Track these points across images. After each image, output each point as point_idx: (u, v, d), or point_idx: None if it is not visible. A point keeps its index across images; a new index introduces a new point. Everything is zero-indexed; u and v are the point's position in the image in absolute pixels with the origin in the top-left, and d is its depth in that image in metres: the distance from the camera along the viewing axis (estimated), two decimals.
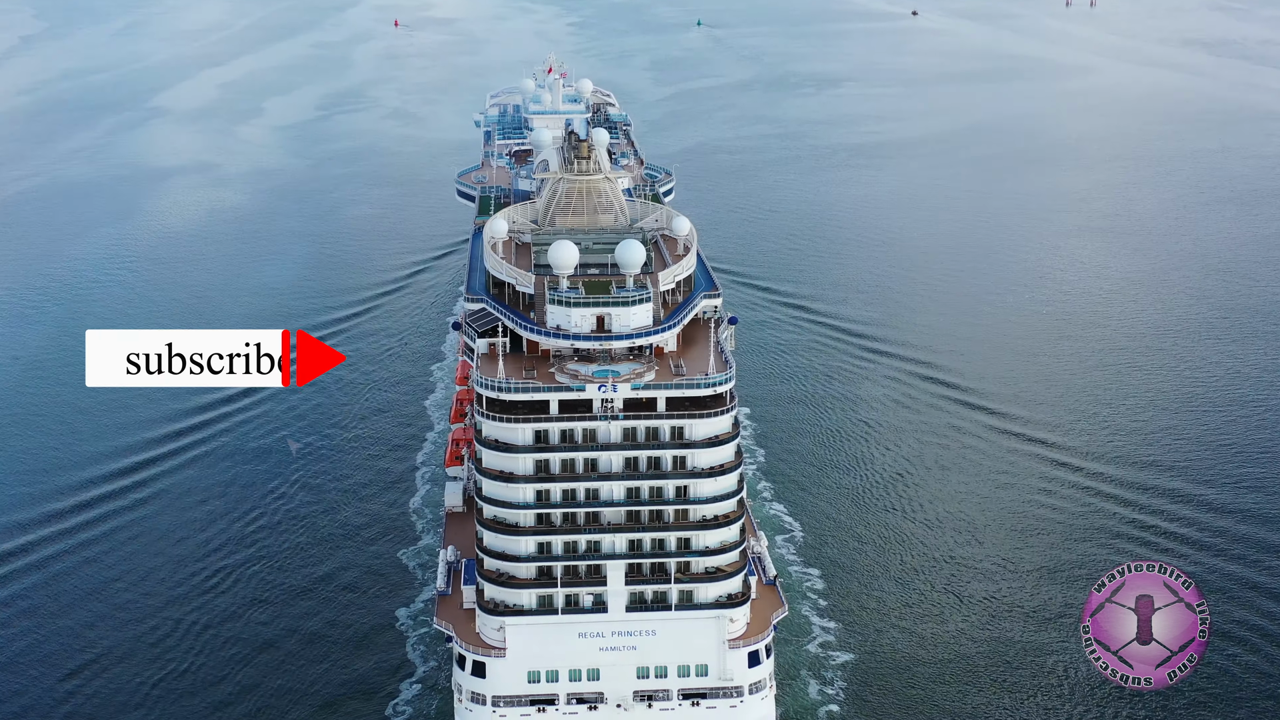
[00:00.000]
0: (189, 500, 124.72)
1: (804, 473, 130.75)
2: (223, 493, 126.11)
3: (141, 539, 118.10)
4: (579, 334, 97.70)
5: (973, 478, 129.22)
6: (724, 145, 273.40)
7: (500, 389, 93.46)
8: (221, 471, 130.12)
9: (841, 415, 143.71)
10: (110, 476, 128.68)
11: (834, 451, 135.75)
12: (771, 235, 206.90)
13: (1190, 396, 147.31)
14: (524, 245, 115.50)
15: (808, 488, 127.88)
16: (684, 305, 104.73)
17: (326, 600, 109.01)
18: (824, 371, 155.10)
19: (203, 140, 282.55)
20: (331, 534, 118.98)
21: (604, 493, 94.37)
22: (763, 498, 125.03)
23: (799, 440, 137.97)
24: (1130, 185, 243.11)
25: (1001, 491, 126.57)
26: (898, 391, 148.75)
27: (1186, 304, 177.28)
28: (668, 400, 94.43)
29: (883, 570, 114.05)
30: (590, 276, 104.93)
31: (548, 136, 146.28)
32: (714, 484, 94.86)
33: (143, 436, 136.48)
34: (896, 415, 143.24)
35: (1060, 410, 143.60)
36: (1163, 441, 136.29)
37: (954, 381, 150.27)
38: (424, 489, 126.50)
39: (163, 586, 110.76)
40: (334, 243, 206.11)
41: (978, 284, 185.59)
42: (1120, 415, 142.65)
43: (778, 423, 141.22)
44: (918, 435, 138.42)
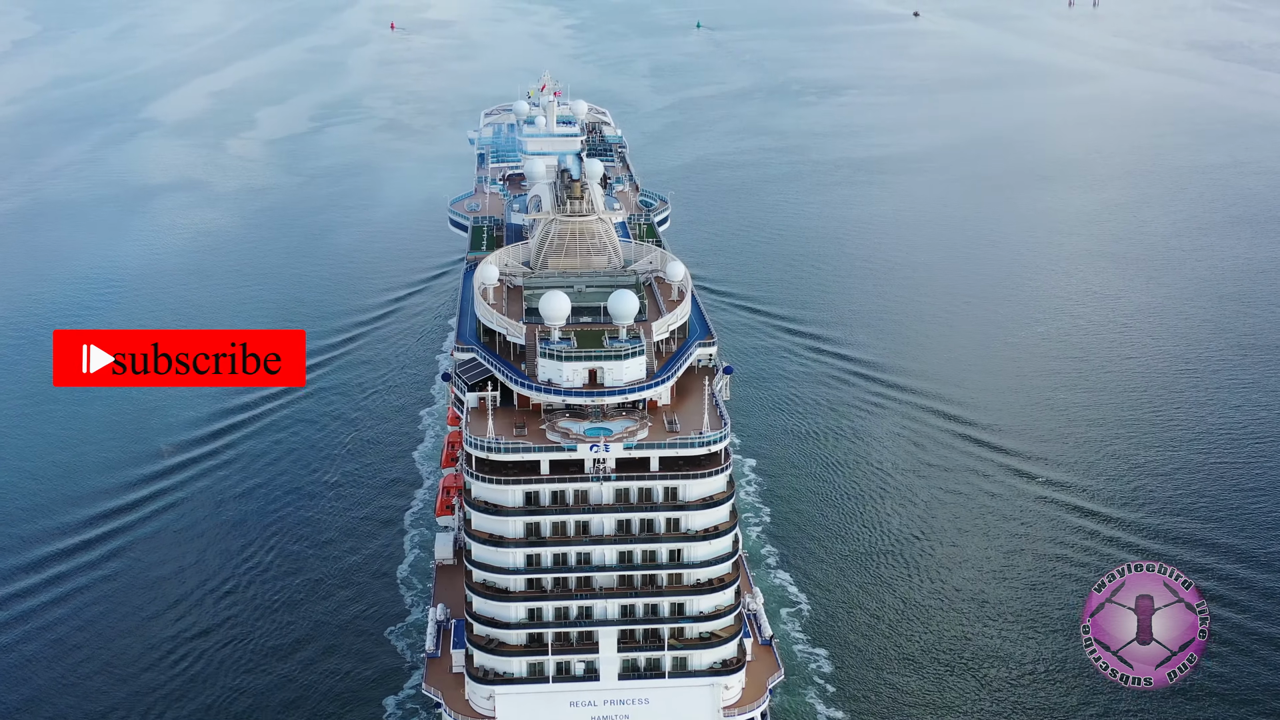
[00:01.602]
0: (163, 553, 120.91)
1: (810, 534, 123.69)
2: (211, 534, 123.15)
3: (107, 601, 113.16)
4: (571, 389, 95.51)
5: (988, 538, 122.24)
6: (724, 160, 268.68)
7: (490, 449, 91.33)
8: (207, 513, 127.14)
9: (846, 450, 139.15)
10: (78, 527, 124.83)
11: (839, 497, 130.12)
12: (774, 260, 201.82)
13: (1214, 440, 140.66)
14: (516, 289, 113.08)
15: (813, 552, 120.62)
16: (678, 355, 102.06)
17: (306, 664, 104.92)
18: (827, 403, 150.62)
19: (191, 155, 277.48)
20: (314, 585, 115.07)
21: (596, 557, 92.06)
22: (766, 564, 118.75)
23: (801, 480, 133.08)
24: (1140, 204, 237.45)
25: (1016, 558, 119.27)
26: (908, 429, 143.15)
27: (1204, 338, 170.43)
28: (661, 460, 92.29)
29: (892, 647, 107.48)
30: (582, 325, 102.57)
31: (541, 168, 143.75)
32: (708, 547, 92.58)
33: (115, 480, 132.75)
34: (906, 454, 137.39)
35: (1080, 456, 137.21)
36: (1189, 486, 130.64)
37: (972, 420, 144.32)
38: (414, 533, 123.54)
39: (130, 652, 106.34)
40: (323, 267, 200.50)
41: (989, 315, 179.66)
42: (1141, 457, 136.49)
43: (779, 460, 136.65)
44: (928, 479, 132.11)
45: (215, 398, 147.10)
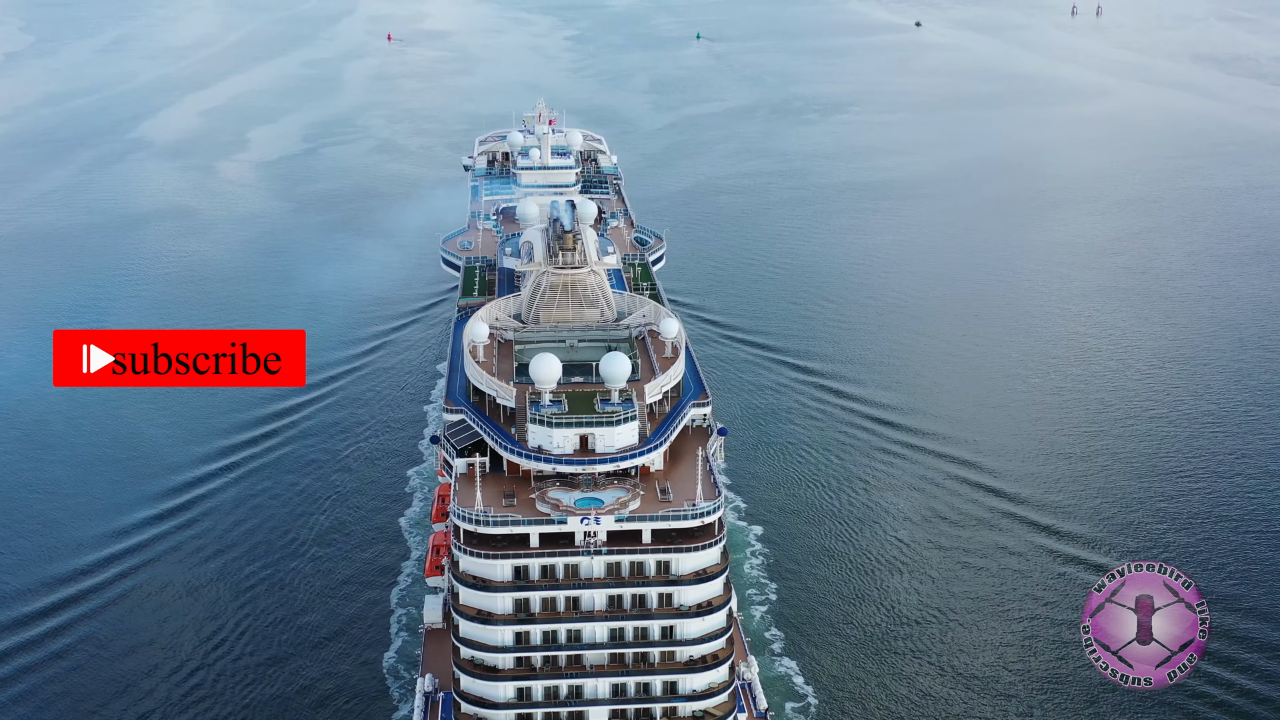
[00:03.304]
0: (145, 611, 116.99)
1: (818, 614, 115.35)
2: (201, 584, 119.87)
3: (86, 669, 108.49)
4: (561, 456, 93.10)
5: (1008, 618, 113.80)
6: (724, 185, 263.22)
7: (479, 521, 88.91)
8: (197, 561, 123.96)
9: (857, 512, 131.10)
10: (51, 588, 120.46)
11: (849, 571, 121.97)
12: (776, 295, 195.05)
13: (1237, 506, 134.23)
14: (507, 344, 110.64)
15: (821, 634, 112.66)
16: (671, 417, 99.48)
17: None
18: (836, 456, 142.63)
19: (181, 180, 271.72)
20: (293, 652, 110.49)
21: (586, 634, 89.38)
22: (771, 650, 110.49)
23: (809, 551, 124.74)
24: (1153, 232, 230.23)
25: (1038, 644, 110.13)
26: (923, 485, 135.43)
27: (1225, 389, 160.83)
28: (653, 532, 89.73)
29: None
30: (574, 386, 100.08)
31: (534, 210, 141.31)
32: (701, 623, 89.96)
33: (95, 532, 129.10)
34: (921, 518, 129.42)
35: (1103, 524, 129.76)
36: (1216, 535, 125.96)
37: (993, 478, 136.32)
38: (404, 585, 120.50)
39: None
40: (312, 302, 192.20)
41: (1002, 360, 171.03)
42: (1166, 510, 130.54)
43: (784, 528, 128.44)
44: (945, 547, 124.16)
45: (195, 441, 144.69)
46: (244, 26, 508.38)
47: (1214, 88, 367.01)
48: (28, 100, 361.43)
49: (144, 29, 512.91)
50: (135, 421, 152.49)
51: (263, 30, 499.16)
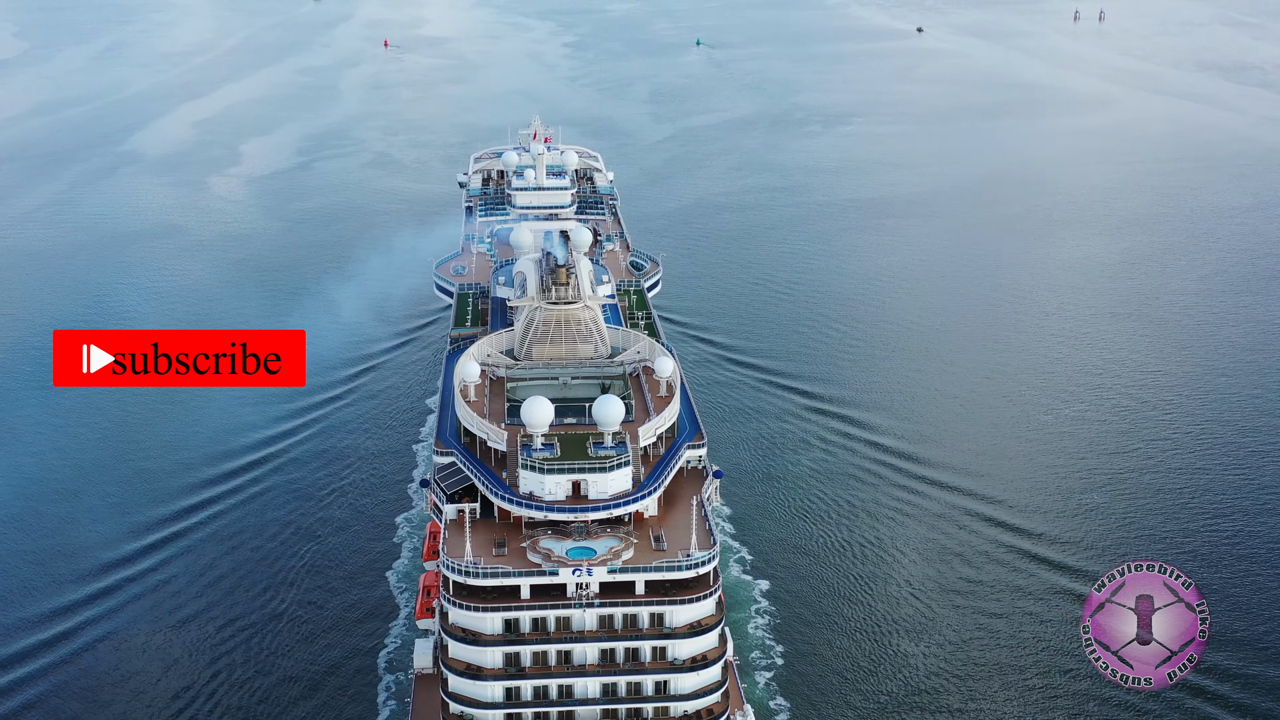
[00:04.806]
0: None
1: (829, 680, 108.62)
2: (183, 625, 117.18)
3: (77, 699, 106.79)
4: (554, 502, 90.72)
5: (1029, 687, 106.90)
6: (725, 202, 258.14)
7: (468, 573, 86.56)
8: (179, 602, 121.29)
9: (868, 562, 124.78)
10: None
11: (861, 631, 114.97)
12: (779, 317, 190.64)
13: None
14: (498, 381, 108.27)
15: (832, 704, 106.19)
16: (666, 460, 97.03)
17: None
18: (846, 499, 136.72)
19: (171, 196, 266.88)
20: (271, 701, 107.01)
21: (578, 689, 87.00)
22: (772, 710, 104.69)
23: (817, 608, 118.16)
24: (1165, 254, 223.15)
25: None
26: (937, 531, 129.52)
27: (1247, 437, 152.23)
28: (646, 584, 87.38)
29: None
30: (567, 428, 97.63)
31: (528, 238, 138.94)
32: (696, 678, 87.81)
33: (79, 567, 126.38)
34: (936, 566, 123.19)
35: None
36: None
37: (1013, 524, 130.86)
38: (394, 628, 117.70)
39: None
40: (304, 321, 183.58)
41: (1013, 394, 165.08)
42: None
43: (788, 580, 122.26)
44: (959, 604, 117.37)
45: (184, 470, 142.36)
46: (240, 32, 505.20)
47: (1221, 97, 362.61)
48: (18, 111, 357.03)
49: (138, 34, 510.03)
50: (119, 444, 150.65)
51: (258, 36, 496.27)
